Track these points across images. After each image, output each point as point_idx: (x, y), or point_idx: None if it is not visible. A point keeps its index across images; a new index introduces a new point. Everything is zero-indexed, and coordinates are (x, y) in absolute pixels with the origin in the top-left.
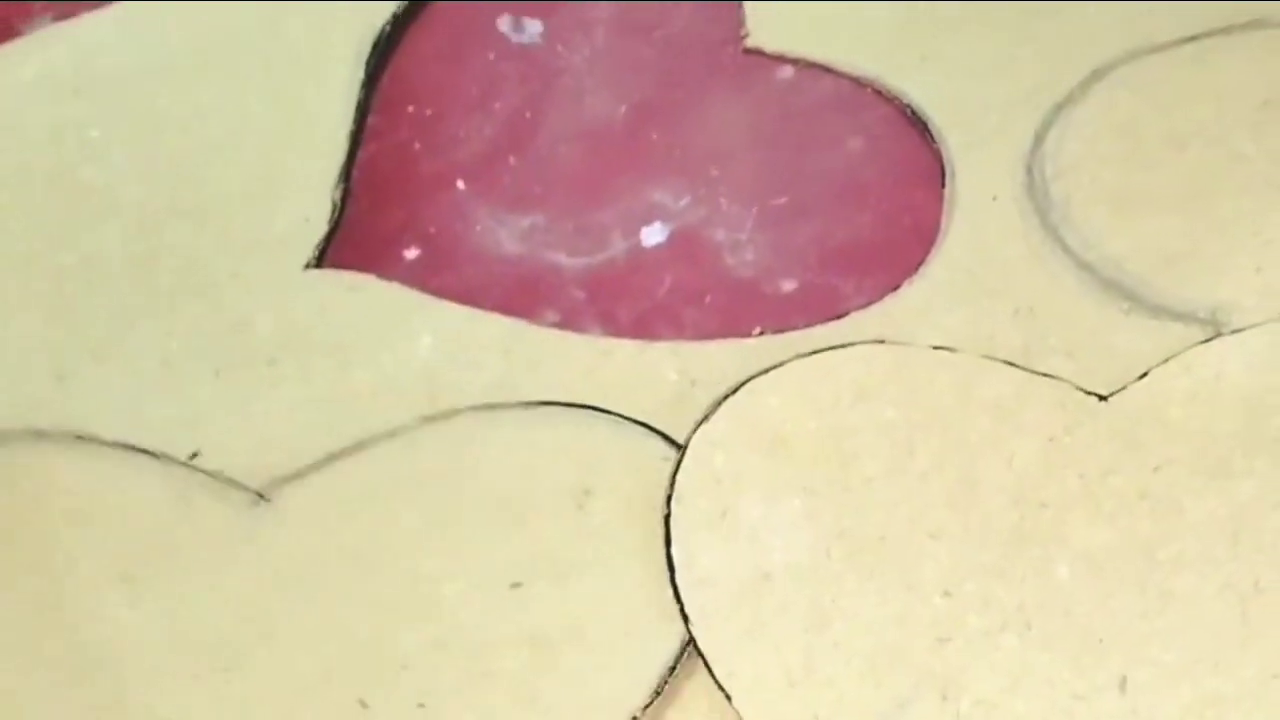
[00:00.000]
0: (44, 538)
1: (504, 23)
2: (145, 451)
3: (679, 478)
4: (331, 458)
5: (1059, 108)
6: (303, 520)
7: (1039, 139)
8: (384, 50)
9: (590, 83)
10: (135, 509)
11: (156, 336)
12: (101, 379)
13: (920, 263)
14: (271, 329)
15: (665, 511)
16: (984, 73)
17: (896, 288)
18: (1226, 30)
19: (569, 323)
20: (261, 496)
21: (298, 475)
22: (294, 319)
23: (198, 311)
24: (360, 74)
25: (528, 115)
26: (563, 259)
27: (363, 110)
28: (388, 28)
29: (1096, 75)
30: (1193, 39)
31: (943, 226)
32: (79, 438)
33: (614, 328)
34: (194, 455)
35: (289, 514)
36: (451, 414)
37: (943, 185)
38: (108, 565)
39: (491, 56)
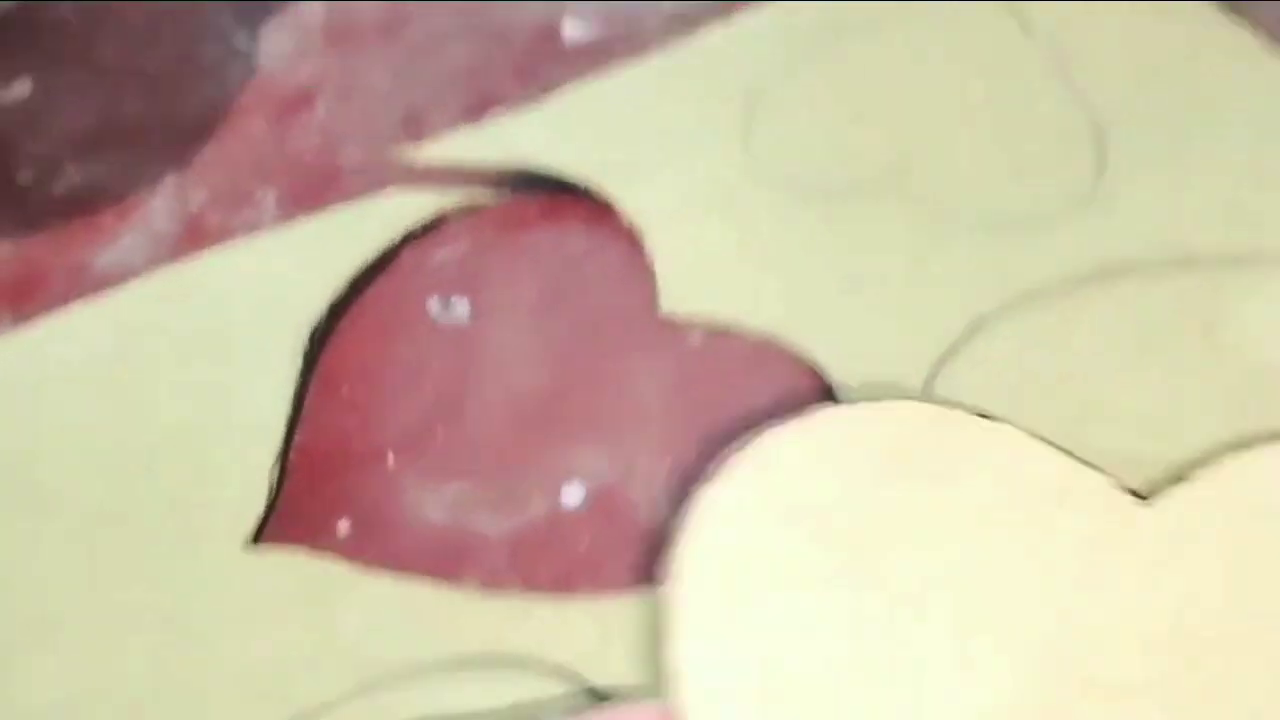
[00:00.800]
0: None
1: (433, 304)
2: None
3: None
4: None
5: (943, 359)
6: None
7: (928, 386)
8: (321, 339)
9: (513, 356)
10: None
11: (97, 628)
12: (48, 669)
13: None
14: (208, 610)
15: None
16: (877, 327)
17: None
18: (1102, 274)
19: (491, 584)
20: None
21: None
22: (228, 599)
23: (138, 600)
24: (298, 363)
25: (454, 390)
26: (485, 522)
27: (300, 396)
28: (324, 318)
29: (977, 324)
30: (1073, 282)
31: None
32: None
33: (534, 586)
34: None
35: None
36: (378, 684)
37: None
38: None
39: (421, 336)
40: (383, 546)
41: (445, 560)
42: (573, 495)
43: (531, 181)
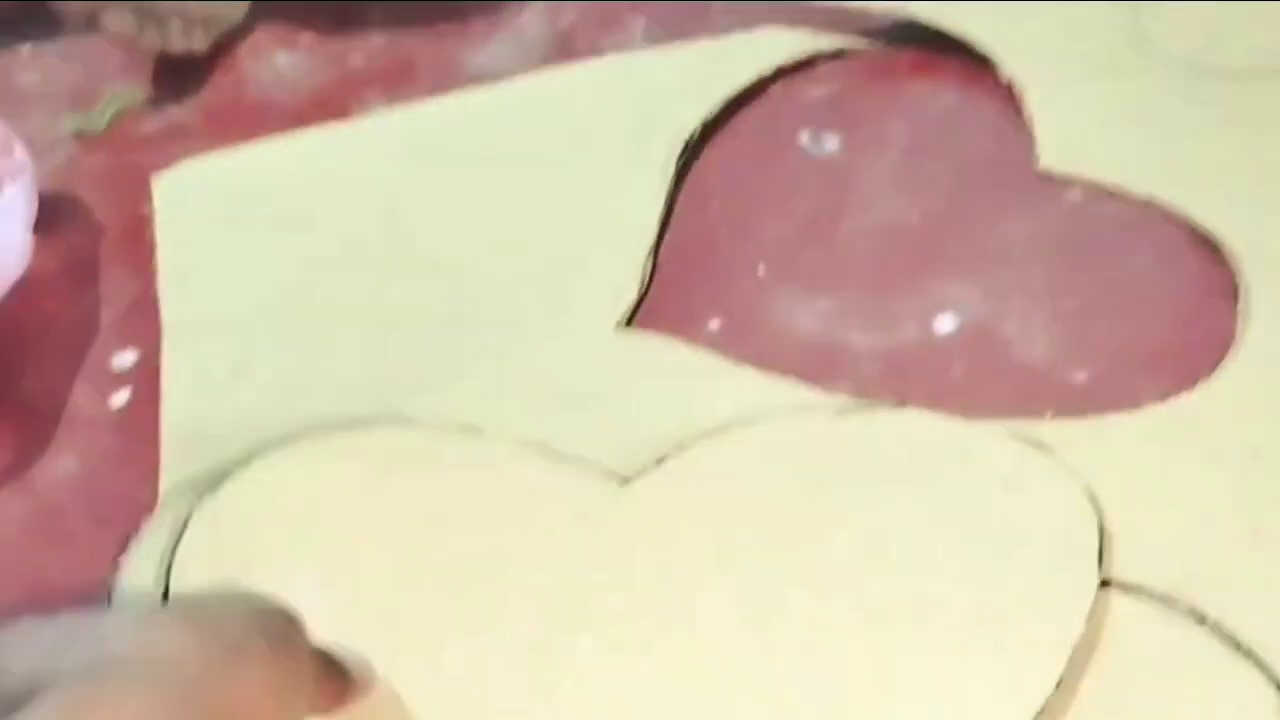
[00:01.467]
0: None
1: (804, 137)
2: None
3: None
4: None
5: None
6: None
7: None
8: (692, 152)
9: (885, 190)
10: None
11: (471, 389)
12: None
13: (1214, 367)
14: (581, 379)
15: None
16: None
17: (1191, 386)
18: None
19: (862, 395)
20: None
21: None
22: (602, 372)
23: (512, 365)
24: (671, 170)
25: (825, 214)
26: (857, 338)
27: (671, 202)
28: (696, 133)
29: None
30: None
31: (1237, 337)
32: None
33: (906, 403)
34: None
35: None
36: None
37: (1235, 301)
38: None
39: (791, 163)
40: (753, 346)
41: (816, 366)
42: (945, 324)
43: (905, 34)
